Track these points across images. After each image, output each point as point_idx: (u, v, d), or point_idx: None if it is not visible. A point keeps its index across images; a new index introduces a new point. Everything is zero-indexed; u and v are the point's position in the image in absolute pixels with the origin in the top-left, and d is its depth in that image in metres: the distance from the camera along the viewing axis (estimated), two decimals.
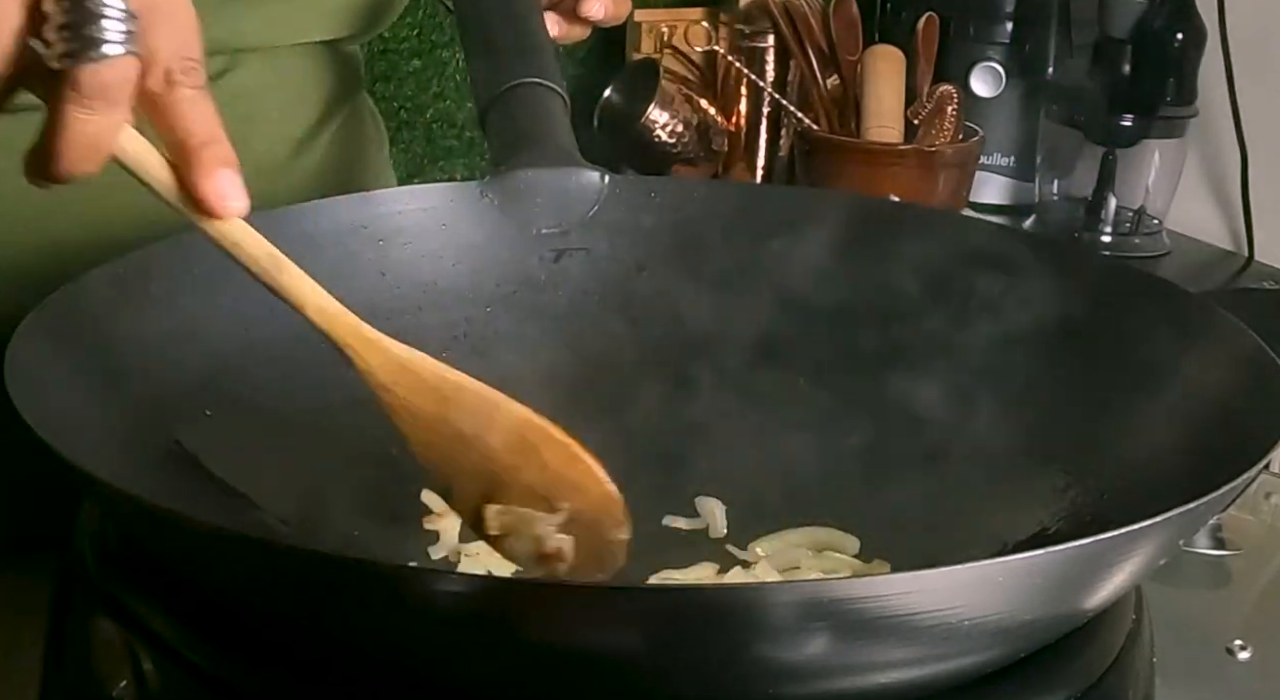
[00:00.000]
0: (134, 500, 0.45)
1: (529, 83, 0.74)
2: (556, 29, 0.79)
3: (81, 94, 0.46)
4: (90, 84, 0.46)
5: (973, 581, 0.42)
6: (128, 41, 0.46)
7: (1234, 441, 0.53)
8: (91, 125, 0.47)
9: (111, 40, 0.45)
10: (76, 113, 0.47)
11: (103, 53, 0.45)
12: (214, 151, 0.50)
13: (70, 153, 0.47)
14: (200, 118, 0.50)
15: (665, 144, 1.35)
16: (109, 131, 0.48)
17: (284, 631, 0.48)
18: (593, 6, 0.78)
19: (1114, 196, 1.33)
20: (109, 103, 0.47)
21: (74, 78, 0.46)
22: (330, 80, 0.88)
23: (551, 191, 0.73)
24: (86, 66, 0.45)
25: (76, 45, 0.45)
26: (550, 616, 0.41)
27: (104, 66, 0.46)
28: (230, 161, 0.51)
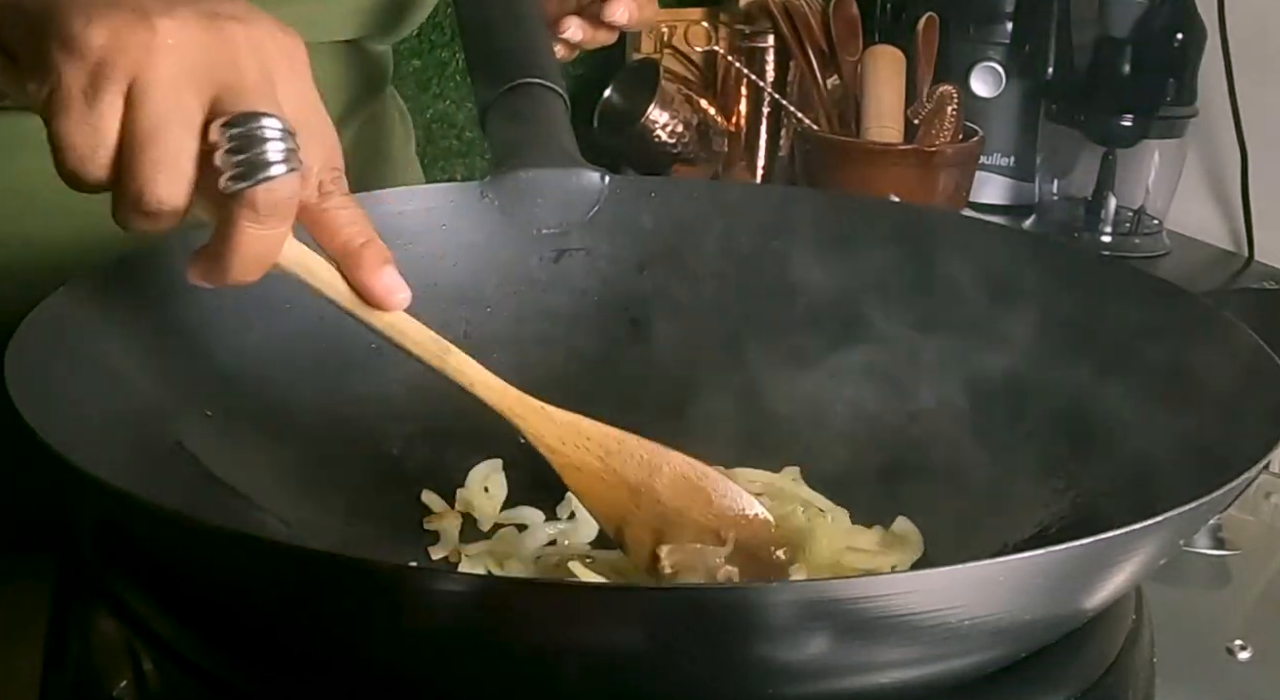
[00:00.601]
0: (134, 500, 0.45)
1: (529, 83, 0.74)
2: (581, 33, 0.79)
3: (257, 212, 0.49)
4: (265, 203, 0.48)
5: (973, 581, 0.42)
6: (289, 160, 0.48)
7: (1234, 441, 0.53)
8: (263, 240, 0.50)
9: (276, 161, 0.48)
10: (250, 229, 0.49)
11: (270, 174, 0.48)
12: (375, 250, 0.54)
13: (242, 264, 0.50)
14: (356, 221, 0.54)
15: (665, 144, 1.35)
16: (278, 243, 0.51)
17: (284, 631, 0.48)
18: (617, 10, 0.78)
19: (1114, 196, 1.33)
20: (279, 219, 0.50)
21: (249, 198, 0.48)
22: (354, 79, 0.88)
23: (552, 192, 0.73)
24: (260, 187, 0.48)
25: (245, 169, 0.48)
26: (550, 616, 0.41)
27: (276, 185, 0.48)
28: (389, 258, 0.55)
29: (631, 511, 0.59)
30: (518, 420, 0.59)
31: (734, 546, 0.58)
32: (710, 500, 0.60)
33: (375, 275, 0.54)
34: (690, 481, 0.60)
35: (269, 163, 0.48)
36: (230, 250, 0.50)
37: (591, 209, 0.73)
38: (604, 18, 0.78)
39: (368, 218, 0.55)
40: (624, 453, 0.60)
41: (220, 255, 0.50)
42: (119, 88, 0.47)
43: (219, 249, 0.50)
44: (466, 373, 0.58)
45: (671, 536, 0.59)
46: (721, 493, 0.60)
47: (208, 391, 0.62)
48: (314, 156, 0.51)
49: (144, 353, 0.61)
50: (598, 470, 0.59)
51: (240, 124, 0.48)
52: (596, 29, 0.79)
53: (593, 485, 0.59)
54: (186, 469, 0.59)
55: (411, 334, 0.57)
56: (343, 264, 0.54)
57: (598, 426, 0.60)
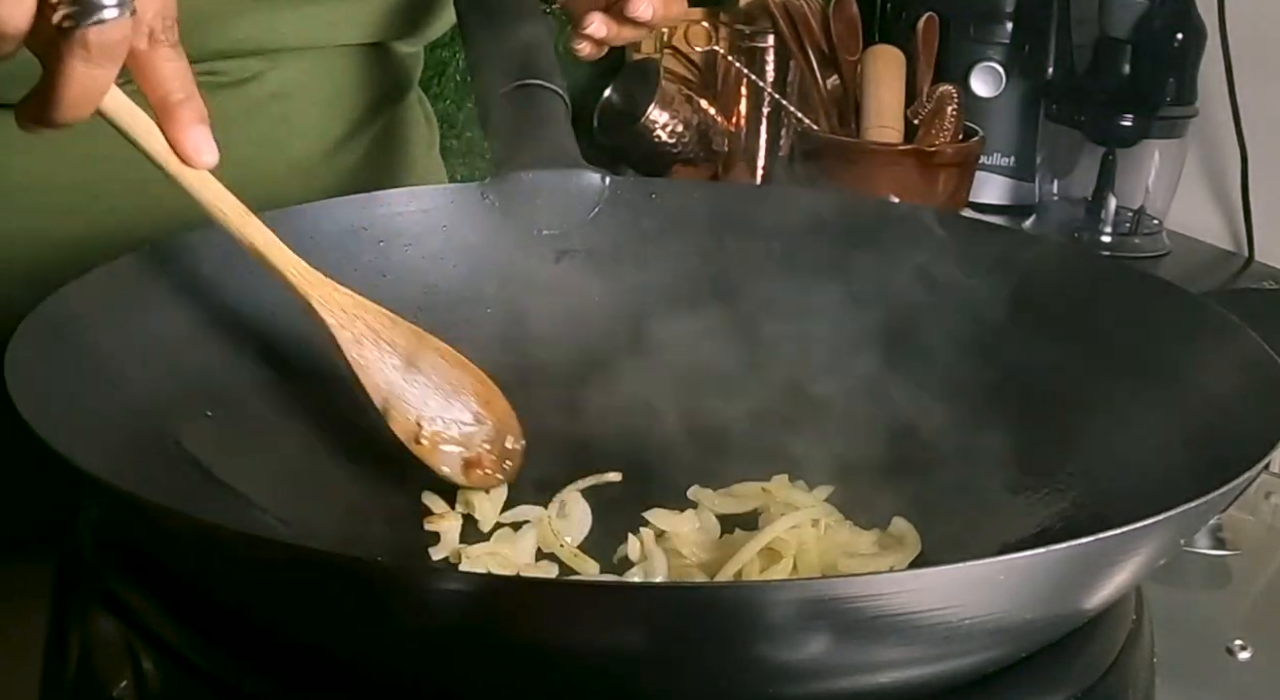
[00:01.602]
0: (134, 500, 0.45)
1: (530, 84, 0.74)
2: (606, 30, 0.78)
3: (89, 52, 0.50)
4: (97, 43, 0.50)
5: (973, 580, 0.42)
6: (123, 3, 0.50)
7: (1234, 441, 0.53)
8: (91, 79, 0.51)
9: (109, 4, 0.49)
10: (80, 68, 0.51)
11: (103, 16, 0.50)
12: (191, 107, 0.56)
13: (70, 102, 0.52)
14: (178, 74, 0.55)
15: (665, 144, 1.35)
16: (105, 84, 0.52)
17: (284, 631, 0.48)
18: (640, 6, 0.77)
19: (1114, 196, 1.33)
20: (109, 60, 0.51)
21: (82, 37, 0.50)
22: (375, 81, 0.88)
23: (552, 193, 0.73)
24: (93, 28, 0.50)
25: (79, 8, 0.49)
26: (550, 615, 0.41)
27: (108, 27, 0.50)
28: (204, 117, 0.56)
29: (398, 384, 0.64)
30: (307, 287, 0.61)
31: (486, 427, 0.66)
32: (466, 382, 0.66)
33: (186, 131, 0.56)
34: (452, 362, 0.66)
35: (102, 5, 0.49)
36: (59, 88, 0.51)
37: (592, 210, 0.73)
38: (628, 14, 0.77)
39: (190, 73, 0.56)
40: (395, 328, 0.64)
41: (48, 93, 0.51)
42: None
43: (48, 87, 0.51)
44: (260, 238, 0.60)
45: (430, 412, 0.65)
46: (477, 380, 0.66)
47: (208, 391, 0.62)
48: (149, 2, 0.53)
49: (144, 353, 0.61)
50: (371, 342, 0.63)
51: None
52: (622, 25, 0.78)
53: (366, 356, 0.63)
54: (186, 469, 0.59)
55: (214, 195, 0.59)
56: (158, 115, 0.56)
57: (374, 305, 0.64)
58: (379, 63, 0.88)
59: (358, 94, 0.87)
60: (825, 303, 0.71)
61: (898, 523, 0.64)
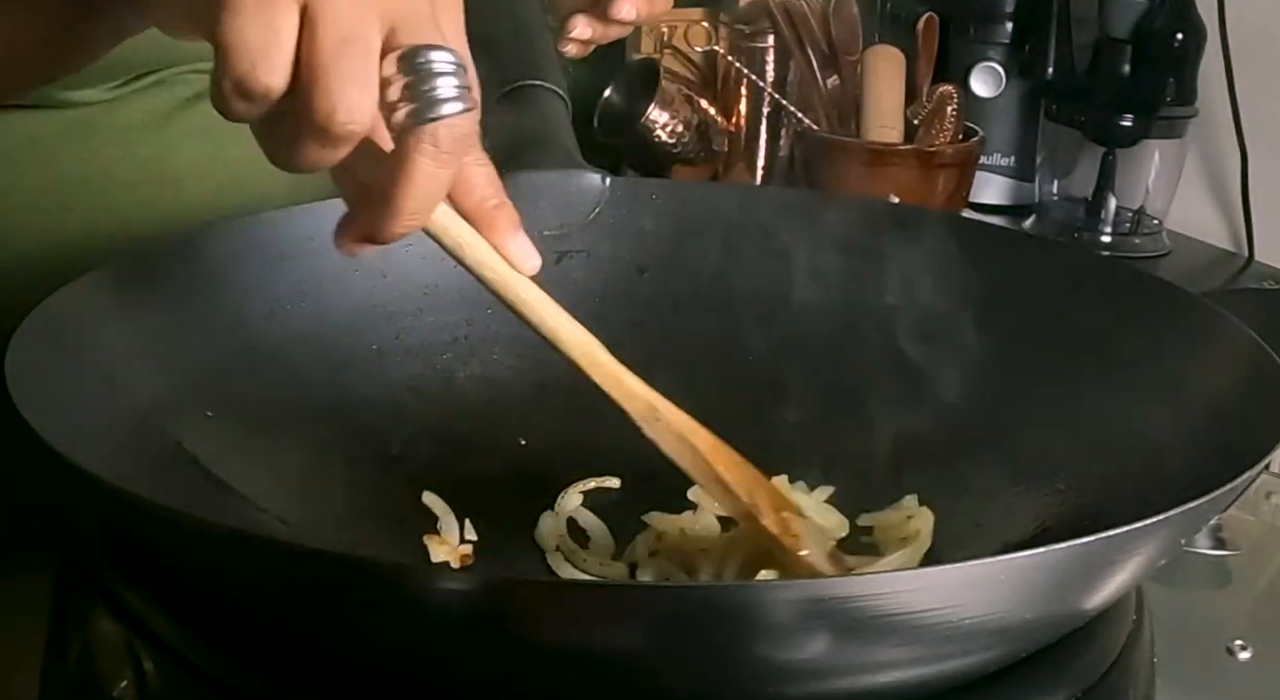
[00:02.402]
0: (134, 500, 0.45)
1: (530, 85, 0.74)
2: (591, 30, 0.78)
3: (438, 148, 0.46)
4: (446, 138, 0.46)
5: (974, 580, 0.42)
6: (463, 96, 0.46)
7: (1234, 441, 0.53)
8: (436, 179, 0.47)
9: (452, 97, 0.46)
10: (427, 167, 0.46)
11: (447, 110, 0.46)
12: (509, 213, 0.53)
13: (414, 207, 0.48)
14: (491, 180, 0.53)
15: (665, 144, 1.35)
16: (446, 184, 0.48)
17: (284, 631, 0.48)
18: (623, 7, 0.77)
19: (1114, 196, 1.33)
20: (456, 155, 0.47)
21: (430, 133, 0.46)
22: None
23: (553, 193, 0.73)
24: (442, 122, 0.46)
25: (421, 104, 0.46)
26: (550, 616, 0.41)
27: (457, 121, 0.46)
28: (519, 223, 0.53)
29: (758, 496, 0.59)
30: (620, 399, 0.58)
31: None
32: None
33: (508, 239, 0.53)
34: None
35: (446, 98, 0.46)
36: (402, 193, 0.47)
37: (592, 211, 0.73)
38: (612, 14, 0.77)
39: (498, 177, 0.53)
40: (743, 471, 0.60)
41: (388, 201, 0.47)
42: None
43: (388, 195, 0.47)
44: (591, 357, 0.57)
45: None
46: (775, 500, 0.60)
47: (208, 391, 0.62)
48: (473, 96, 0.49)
49: (144, 353, 0.61)
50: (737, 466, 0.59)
51: (417, 57, 0.46)
52: (607, 25, 0.78)
53: (731, 466, 0.59)
54: (186, 469, 0.59)
55: (534, 304, 0.55)
56: (476, 223, 0.52)
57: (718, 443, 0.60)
58: None
59: None
60: (825, 303, 0.71)
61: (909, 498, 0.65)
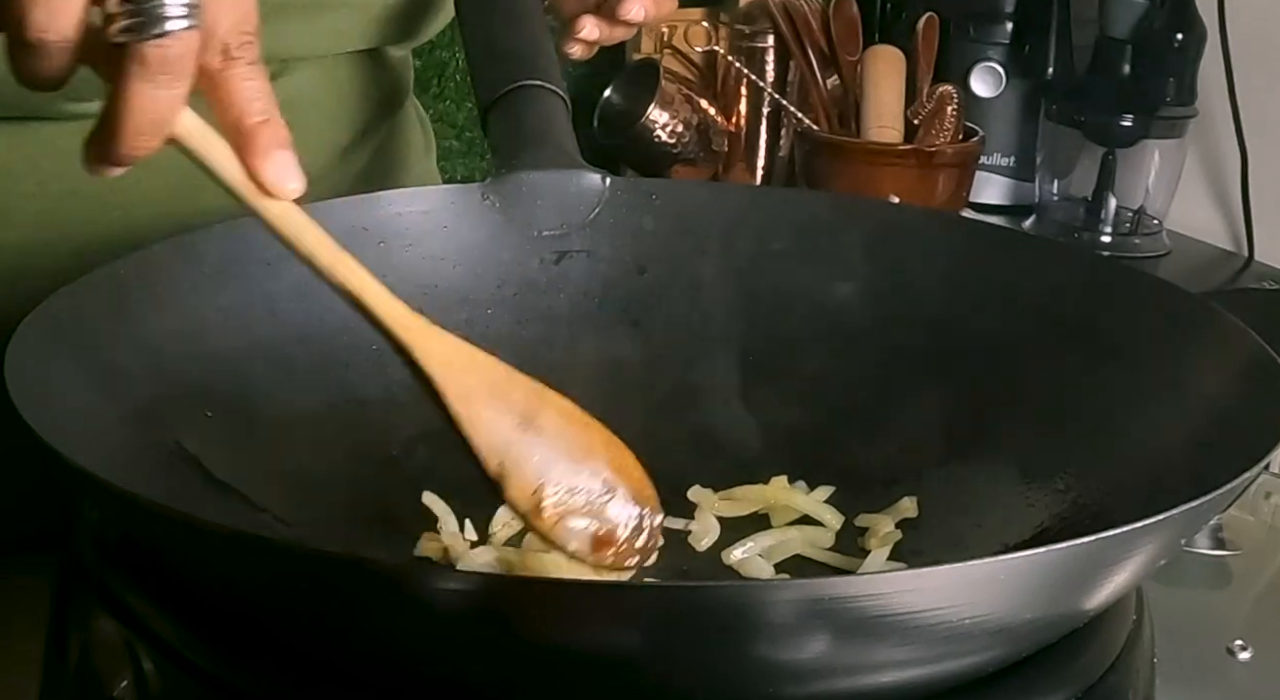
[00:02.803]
0: (134, 500, 0.45)
1: (530, 85, 0.74)
2: (598, 32, 0.78)
3: (147, 68, 0.45)
4: (155, 58, 0.45)
5: (974, 580, 0.42)
6: (190, 15, 0.45)
7: (1234, 441, 0.53)
8: (155, 100, 0.46)
9: (173, 15, 0.45)
10: (140, 88, 0.46)
11: (166, 28, 0.45)
12: (271, 132, 0.50)
13: (134, 130, 0.47)
14: (256, 95, 0.50)
15: (665, 144, 1.35)
16: (172, 107, 0.47)
17: (284, 631, 0.48)
18: (631, 8, 0.77)
19: (1114, 196, 1.33)
20: (173, 77, 0.46)
21: (139, 53, 0.45)
22: (377, 87, 0.88)
23: (553, 193, 0.73)
24: (151, 41, 0.45)
25: (140, 20, 0.45)
26: (550, 615, 0.41)
27: (169, 40, 0.45)
28: (286, 142, 0.50)
29: (515, 446, 0.55)
30: (406, 334, 0.54)
31: (617, 496, 0.56)
32: (595, 444, 0.56)
33: (265, 158, 0.50)
34: (577, 422, 0.56)
35: (165, 17, 0.44)
36: (119, 111, 0.46)
37: (592, 211, 0.73)
38: (619, 15, 0.77)
39: (270, 92, 0.50)
40: (511, 383, 0.55)
41: (111, 120, 0.46)
42: None
43: (109, 113, 0.46)
44: (356, 279, 0.53)
45: (554, 479, 0.55)
46: (605, 443, 0.57)
47: (208, 391, 0.62)
48: (221, 14, 0.48)
49: (144, 353, 0.61)
50: (485, 397, 0.55)
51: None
52: (613, 27, 0.78)
53: (478, 414, 0.55)
54: (186, 469, 0.58)
55: (304, 231, 0.52)
56: (233, 141, 0.50)
57: (483, 353, 0.55)
58: (379, 68, 0.88)
59: (361, 101, 0.87)
60: (826, 303, 0.71)
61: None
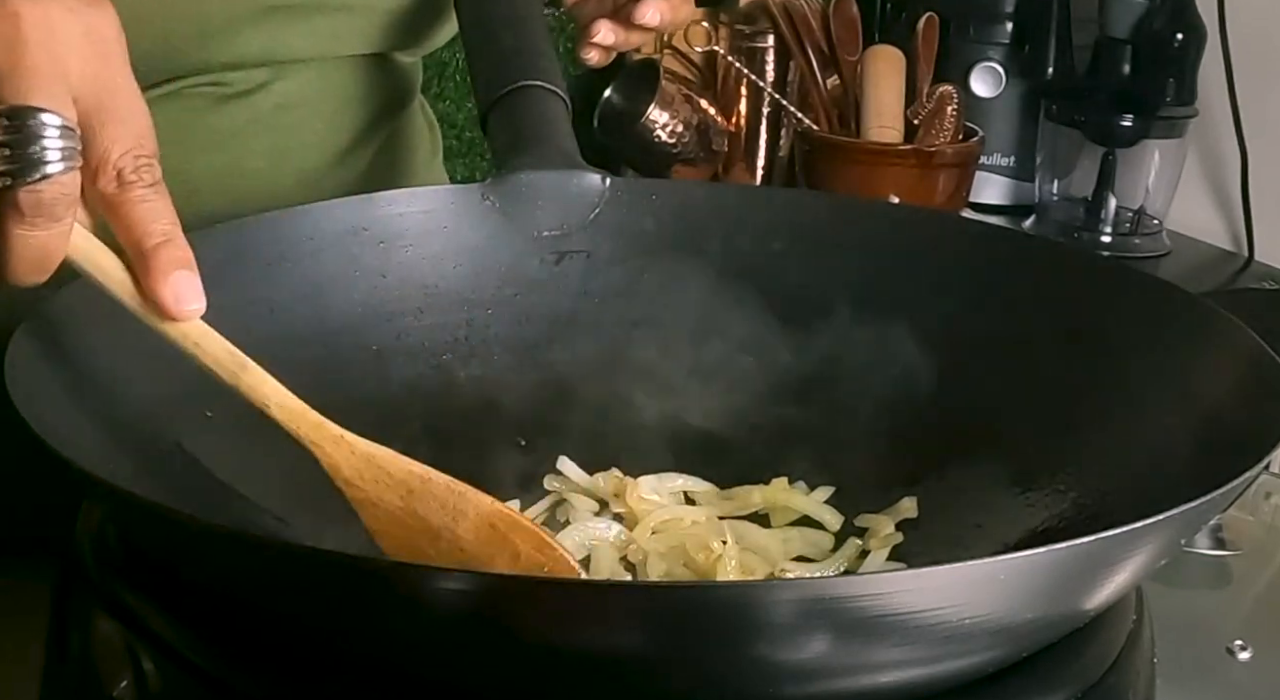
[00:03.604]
0: (134, 500, 0.45)
1: (530, 85, 0.74)
2: (614, 37, 0.78)
3: (22, 214, 0.46)
4: (29, 204, 0.46)
5: (974, 580, 0.42)
6: (67, 158, 0.46)
7: (1234, 441, 0.53)
8: (35, 241, 0.47)
9: (51, 160, 0.45)
10: (18, 230, 0.46)
11: (43, 173, 0.45)
12: (170, 253, 0.50)
13: (19, 265, 0.48)
14: (154, 217, 0.50)
15: (665, 144, 1.35)
16: (55, 244, 0.48)
17: (284, 631, 0.48)
18: (647, 12, 0.77)
19: (1114, 196, 1.33)
20: (50, 219, 0.47)
21: (13, 199, 0.45)
22: (379, 91, 0.88)
23: (553, 194, 0.73)
24: (25, 189, 0.45)
25: (17, 166, 0.45)
26: (549, 615, 0.41)
27: (43, 186, 0.45)
28: (186, 262, 0.50)
29: (429, 558, 0.54)
30: (313, 447, 0.54)
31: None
32: (518, 553, 0.54)
33: (163, 280, 0.50)
34: (497, 530, 0.54)
35: (40, 162, 0.45)
36: (3, 251, 0.47)
37: (592, 211, 0.73)
38: (635, 20, 0.77)
39: (172, 212, 0.50)
40: (426, 493, 0.54)
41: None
42: None
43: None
44: (261, 390, 0.54)
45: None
46: (533, 545, 0.54)
47: (208, 392, 0.62)
48: (113, 143, 0.48)
49: (144, 353, 0.60)
50: (397, 509, 0.54)
51: (12, 117, 0.45)
52: (629, 31, 0.78)
53: (390, 526, 0.55)
54: (186, 469, 0.58)
55: (205, 345, 0.53)
56: (133, 262, 0.50)
57: (400, 461, 0.55)
58: (382, 72, 0.88)
59: (362, 104, 0.87)
60: (826, 303, 0.71)
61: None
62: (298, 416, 0.54)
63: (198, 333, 0.52)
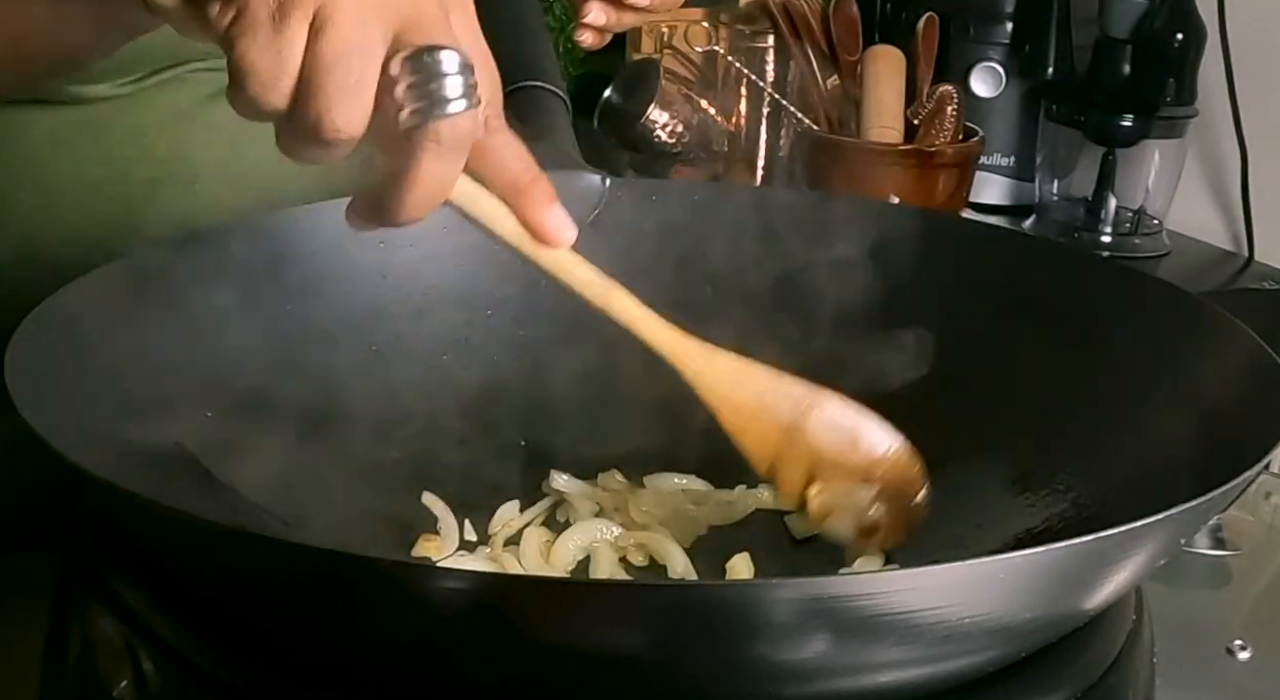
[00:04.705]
0: (134, 499, 0.45)
1: (530, 86, 0.74)
2: (605, 17, 0.77)
3: (441, 146, 0.48)
4: (449, 136, 0.48)
5: (974, 579, 0.42)
6: (469, 94, 0.48)
7: (1234, 441, 0.53)
8: (440, 173, 0.50)
9: (457, 96, 0.48)
10: (431, 163, 0.49)
11: (451, 109, 0.48)
12: (543, 187, 0.54)
13: (417, 201, 0.50)
14: (522, 157, 0.54)
15: (665, 144, 1.35)
16: (452, 178, 0.51)
17: (284, 631, 0.48)
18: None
19: (1114, 196, 1.33)
20: (459, 152, 0.49)
21: (434, 131, 0.48)
22: None
23: None
24: (445, 121, 0.48)
25: (429, 102, 0.48)
26: (550, 615, 0.41)
27: (460, 119, 0.48)
28: (555, 196, 0.55)
29: (784, 450, 0.60)
30: (679, 360, 0.59)
31: (881, 486, 0.60)
32: (858, 441, 0.60)
33: (544, 211, 0.54)
34: (841, 423, 0.60)
35: (450, 98, 0.48)
36: (408, 185, 0.49)
37: (592, 212, 0.73)
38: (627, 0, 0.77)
39: (529, 153, 0.55)
40: (779, 392, 0.60)
41: (395, 192, 0.50)
42: (306, 14, 0.47)
43: (395, 185, 0.50)
44: (630, 311, 0.58)
45: (822, 475, 0.60)
46: (870, 433, 0.60)
47: (208, 391, 0.62)
48: (484, 90, 0.51)
49: (144, 353, 0.61)
50: (752, 409, 0.60)
51: (422, 57, 0.48)
52: (621, 12, 0.78)
53: (746, 424, 0.60)
54: (186, 469, 0.59)
55: (577, 271, 0.57)
56: (510, 200, 0.54)
57: (754, 366, 0.60)
58: None
59: None
60: (826, 304, 0.71)
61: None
62: (663, 333, 0.59)
63: (571, 260, 0.57)
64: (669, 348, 0.59)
